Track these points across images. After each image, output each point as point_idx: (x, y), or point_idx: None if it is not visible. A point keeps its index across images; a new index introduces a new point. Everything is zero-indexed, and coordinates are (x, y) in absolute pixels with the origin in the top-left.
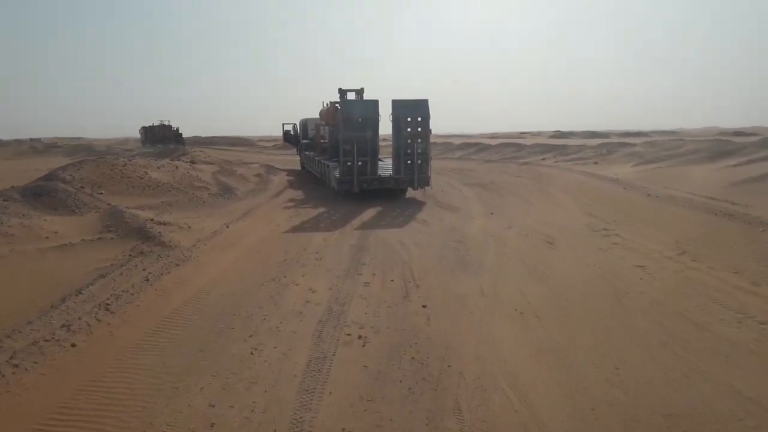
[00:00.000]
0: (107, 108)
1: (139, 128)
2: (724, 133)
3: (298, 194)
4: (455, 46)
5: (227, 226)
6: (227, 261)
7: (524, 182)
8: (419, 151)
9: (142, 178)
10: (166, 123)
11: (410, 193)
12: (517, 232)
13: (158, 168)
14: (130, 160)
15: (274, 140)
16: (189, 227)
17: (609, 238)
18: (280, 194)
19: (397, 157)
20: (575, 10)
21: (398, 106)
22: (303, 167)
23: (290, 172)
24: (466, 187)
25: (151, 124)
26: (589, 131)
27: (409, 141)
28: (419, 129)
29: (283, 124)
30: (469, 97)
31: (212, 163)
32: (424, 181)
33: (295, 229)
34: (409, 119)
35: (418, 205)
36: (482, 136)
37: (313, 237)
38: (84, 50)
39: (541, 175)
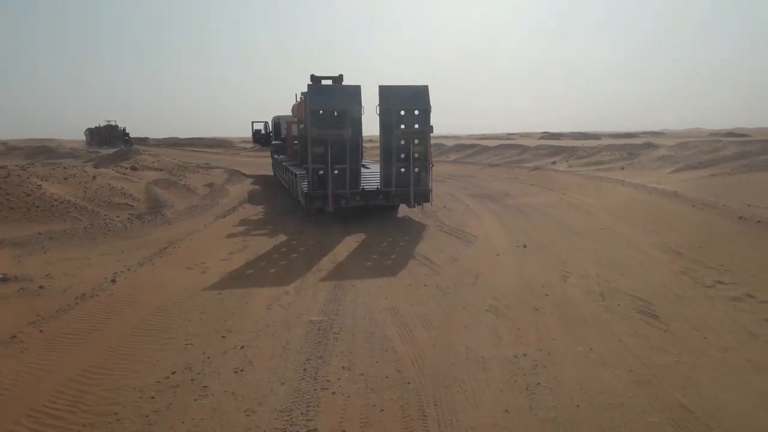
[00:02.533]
0: (91, 110)
1: (84, 130)
2: (716, 134)
3: (257, 212)
4: (442, 44)
5: (113, 281)
6: (49, 384)
7: (545, 194)
8: (416, 155)
9: (29, 195)
10: (113, 123)
11: (404, 210)
12: (581, 286)
13: (65, 179)
14: (24, 169)
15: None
16: (42, 287)
17: (743, 304)
18: (230, 213)
19: (387, 163)
20: (562, 11)
21: (388, 94)
22: (275, 174)
23: (258, 179)
24: (475, 201)
25: (97, 125)
26: (578, 132)
27: (402, 142)
28: (416, 125)
29: (252, 123)
30: (455, 98)
31: (160, 169)
32: (423, 196)
33: (228, 281)
34: (402, 112)
35: (416, 229)
36: (471, 137)
37: (252, 299)
38: (67, 51)
39: (563, 185)
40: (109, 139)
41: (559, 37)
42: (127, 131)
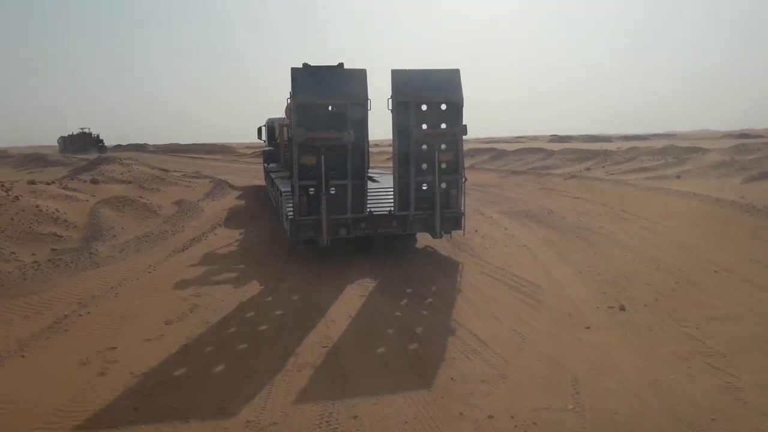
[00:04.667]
0: (96, 117)
1: (58, 138)
2: (729, 135)
3: (231, 241)
4: (442, 45)
5: None
6: None
7: (600, 211)
8: (443, 165)
9: None
10: (86, 130)
11: (426, 238)
12: None
13: None
14: None
15: (257, 147)
16: None
17: None
18: (194, 243)
19: (404, 176)
20: (566, 11)
21: (405, 83)
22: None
23: (248, 191)
24: (514, 222)
25: (71, 133)
26: (587, 135)
27: (424, 147)
28: (444, 125)
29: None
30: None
31: (129, 182)
32: (454, 222)
33: (133, 401)
34: (424, 107)
35: (447, 271)
36: (477, 140)
37: None
38: (80, 55)
39: (616, 198)
40: (82, 146)
41: (562, 39)
42: (101, 138)
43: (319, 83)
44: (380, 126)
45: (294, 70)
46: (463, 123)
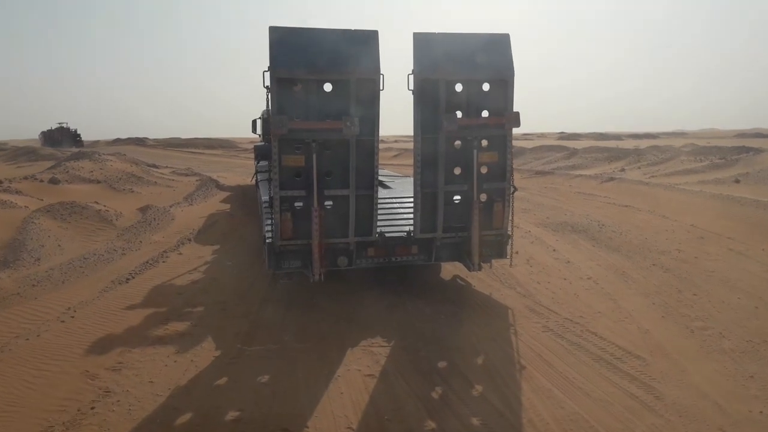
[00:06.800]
0: (112, 113)
1: (39, 133)
2: (743, 134)
3: (197, 264)
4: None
5: None
6: None
7: (663, 224)
8: (484, 170)
9: None
10: (64, 125)
11: (455, 268)
12: None
13: None
14: None
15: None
16: None
17: None
18: (145, 270)
19: (428, 185)
20: (572, 10)
21: (432, 50)
22: None
23: (237, 192)
24: (560, 240)
25: (50, 128)
26: (596, 132)
27: (458, 143)
28: (485, 113)
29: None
30: None
31: (98, 181)
32: (497, 249)
33: None
34: (459, 87)
35: (492, 327)
36: None
37: None
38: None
39: (672, 207)
40: (59, 140)
41: (565, 37)
42: (78, 133)
43: (309, 51)
44: (388, 116)
45: (273, 32)
46: (515, 110)
